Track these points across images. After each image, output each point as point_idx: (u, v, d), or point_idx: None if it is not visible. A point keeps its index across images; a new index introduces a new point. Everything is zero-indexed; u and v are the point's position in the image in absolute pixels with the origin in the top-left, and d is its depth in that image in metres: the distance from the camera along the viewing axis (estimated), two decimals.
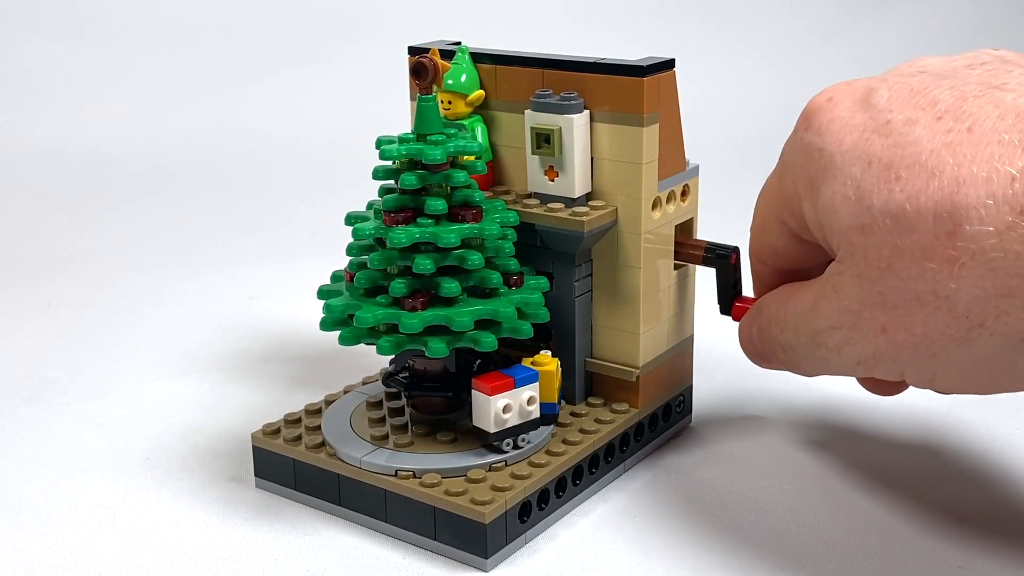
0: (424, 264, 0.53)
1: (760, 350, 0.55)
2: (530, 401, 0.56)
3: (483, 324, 0.55)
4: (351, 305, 0.55)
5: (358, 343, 0.55)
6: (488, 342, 0.54)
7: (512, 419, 0.55)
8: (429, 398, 0.59)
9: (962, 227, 0.41)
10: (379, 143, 0.55)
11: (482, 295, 0.56)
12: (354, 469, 0.56)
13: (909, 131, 0.44)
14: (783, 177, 0.50)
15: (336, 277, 0.60)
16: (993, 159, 0.41)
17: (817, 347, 0.49)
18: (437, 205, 0.54)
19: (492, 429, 0.55)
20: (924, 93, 0.45)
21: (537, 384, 0.56)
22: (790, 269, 0.54)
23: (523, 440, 0.56)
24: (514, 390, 0.55)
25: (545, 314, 0.57)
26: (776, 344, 0.52)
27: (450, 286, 0.54)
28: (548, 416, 0.57)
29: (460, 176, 0.55)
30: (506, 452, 0.56)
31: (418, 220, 0.54)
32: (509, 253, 0.57)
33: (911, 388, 0.56)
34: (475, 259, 0.54)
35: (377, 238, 0.55)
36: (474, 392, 0.55)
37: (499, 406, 0.55)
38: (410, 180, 0.54)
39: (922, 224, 0.42)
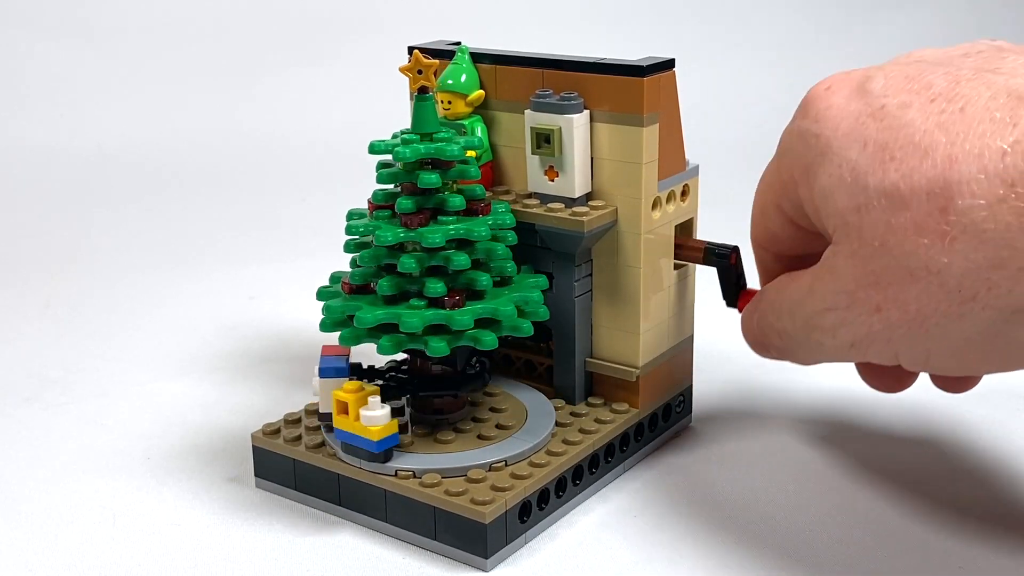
0: (507, 253, 0.56)
1: (758, 338, 0.55)
2: None
3: (483, 323, 0.55)
4: (351, 306, 0.55)
5: (359, 343, 0.55)
6: (488, 340, 0.54)
7: None
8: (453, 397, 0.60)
9: (954, 201, 0.42)
10: (382, 147, 0.55)
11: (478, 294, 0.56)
12: (354, 469, 0.56)
13: (903, 114, 0.45)
14: (781, 164, 0.51)
15: (335, 278, 0.60)
16: (985, 135, 0.42)
17: (812, 331, 0.49)
18: (456, 202, 0.54)
19: None
20: (919, 79, 0.46)
21: None
22: (790, 255, 0.55)
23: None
24: None
25: (545, 312, 0.57)
26: (773, 331, 0.53)
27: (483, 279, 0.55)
28: None
29: (473, 171, 0.55)
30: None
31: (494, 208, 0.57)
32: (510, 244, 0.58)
33: (914, 385, 0.56)
34: (500, 250, 0.56)
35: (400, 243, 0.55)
36: None
37: None
38: (432, 179, 0.54)
39: (915, 201, 0.43)
